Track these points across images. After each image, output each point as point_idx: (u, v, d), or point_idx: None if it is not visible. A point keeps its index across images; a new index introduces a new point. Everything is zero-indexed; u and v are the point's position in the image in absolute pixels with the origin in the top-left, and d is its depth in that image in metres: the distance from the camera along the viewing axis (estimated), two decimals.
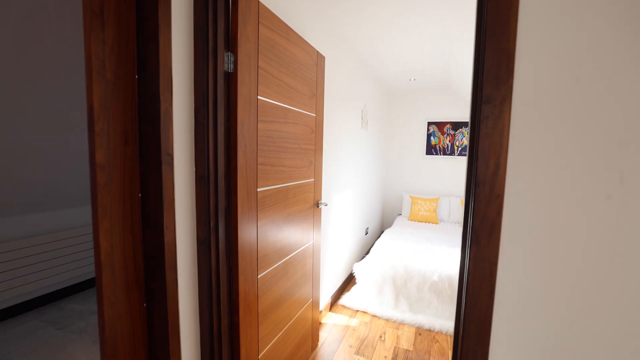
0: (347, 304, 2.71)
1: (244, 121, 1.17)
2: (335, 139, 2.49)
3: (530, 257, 0.72)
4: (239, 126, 1.14)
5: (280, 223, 1.53)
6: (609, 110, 0.66)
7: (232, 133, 1.14)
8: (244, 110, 1.16)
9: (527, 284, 0.73)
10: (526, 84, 0.69)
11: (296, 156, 1.63)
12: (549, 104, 0.69)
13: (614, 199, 0.66)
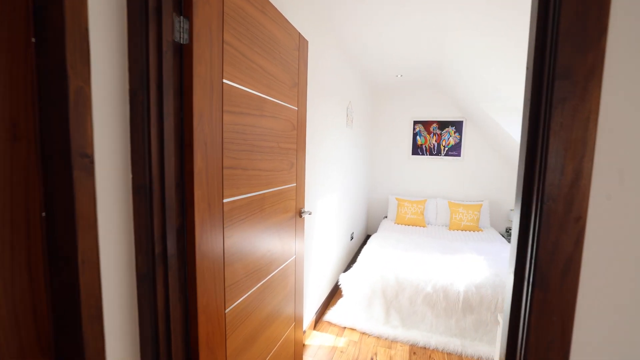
0: (333, 320, 2.45)
1: (203, 111, 0.88)
2: (319, 137, 2.23)
3: (627, 312, 0.49)
4: (196, 117, 0.85)
5: (255, 240, 1.24)
6: None
7: (187, 126, 0.85)
8: (203, 96, 0.87)
9: (619, 354, 0.49)
10: (626, 48, 0.45)
11: (274, 157, 1.35)
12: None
13: None
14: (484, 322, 2.22)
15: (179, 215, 0.87)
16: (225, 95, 0.98)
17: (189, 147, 0.85)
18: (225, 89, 0.98)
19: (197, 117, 0.85)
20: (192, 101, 0.83)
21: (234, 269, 1.10)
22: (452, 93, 3.76)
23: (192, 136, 0.84)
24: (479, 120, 3.73)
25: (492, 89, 2.66)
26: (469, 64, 2.57)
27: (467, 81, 2.97)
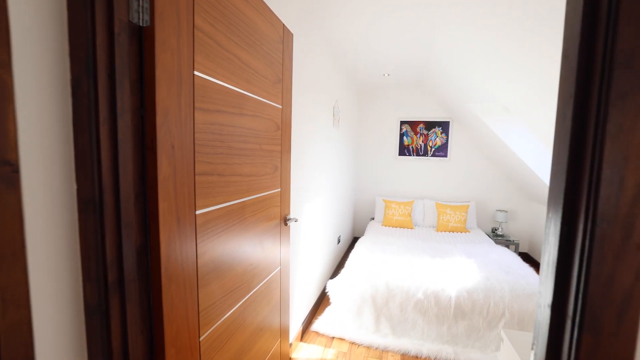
0: (321, 330, 2.33)
1: (169, 107, 0.74)
2: (305, 138, 2.10)
3: None
4: (161, 115, 0.71)
5: (235, 254, 1.10)
6: None
7: (149, 126, 0.70)
8: (169, 90, 0.73)
9: None
10: None
11: (256, 160, 1.22)
12: None
13: None
14: (476, 328, 2.16)
15: (140, 233, 0.72)
16: (197, 90, 0.84)
17: (152, 151, 0.71)
18: (197, 82, 0.84)
19: (161, 115, 0.71)
20: (155, 95, 0.69)
21: (210, 290, 0.96)
22: (439, 93, 3.72)
23: (155, 137, 0.70)
24: (465, 120, 3.71)
25: (481, 88, 2.62)
26: (458, 62, 2.51)
27: (454, 80, 2.92)
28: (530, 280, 2.31)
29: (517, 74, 1.99)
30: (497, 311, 2.13)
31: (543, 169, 2.98)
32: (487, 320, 2.14)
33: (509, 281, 2.28)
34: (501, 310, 2.13)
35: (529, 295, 2.16)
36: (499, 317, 2.13)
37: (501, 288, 2.22)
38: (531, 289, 2.20)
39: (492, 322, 2.14)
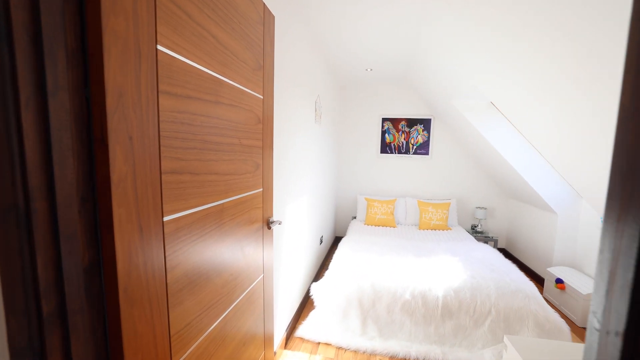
0: (305, 335, 2.21)
1: (124, 88, 0.58)
2: (287, 133, 1.97)
3: None
4: (112, 96, 0.56)
5: (213, 264, 0.96)
6: None
7: (97, 110, 0.55)
8: (123, 65, 0.58)
9: None
10: None
11: (235, 157, 1.08)
12: None
13: None
14: (463, 327, 2.12)
15: (89, 247, 0.57)
16: (162, 69, 0.69)
17: (102, 143, 0.56)
18: (162, 60, 0.69)
19: (113, 96, 0.56)
20: (104, 71, 0.54)
21: (184, 309, 0.81)
22: (422, 89, 3.69)
23: (106, 126, 0.55)
24: (447, 118, 3.71)
25: (467, 84, 2.59)
26: (445, 57, 2.47)
27: (439, 76, 2.89)
28: (514, 277, 2.31)
29: (506, 69, 1.96)
30: (484, 309, 2.11)
31: (524, 167, 3.02)
32: (474, 319, 2.11)
33: (494, 279, 2.26)
34: (487, 309, 2.11)
35: (514, 292, 2.15)
36: (485, 315, 2.10)
37: (487, 286, 2.20)
38: (516, 286, 2.19)
39: (479, 320, 2.11)
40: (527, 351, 0.95)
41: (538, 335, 2.04)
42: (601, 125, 1.62)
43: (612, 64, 1.27)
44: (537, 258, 3.32)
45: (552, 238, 3.05)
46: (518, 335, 2.05)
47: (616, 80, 1.33)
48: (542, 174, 2.99)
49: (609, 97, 1.43)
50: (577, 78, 1.50)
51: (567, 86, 1.61)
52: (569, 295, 2.56)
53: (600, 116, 1.58)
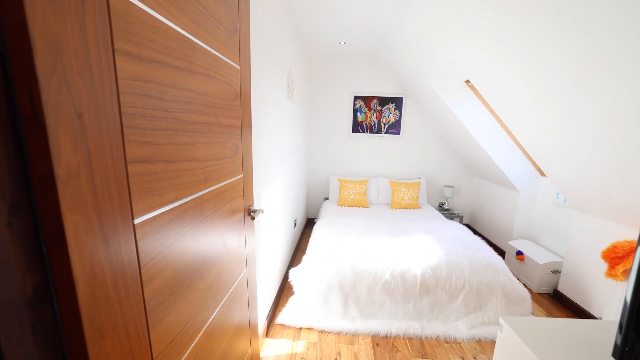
0: (287, 322, 2.14)
1: (63, 41, 0.41)
2: (262, 110, 1.79)
3: None
4: (45, 53, 0.38)
5: (196, 267, 0.81)
6: None
7: (20, 73, 0.37)
8: (58, 6, 0.40)
9: None
10: None
11: (214, 139, 0.91)
12: None
13: None
14: (439, 302, 2.19)
15: (30, 271, 0.41)
16: (117, 19, 0.51)
17: (35, 123, 0.38)
18: (117, 5, 0.51)
19: (45, 51, 0.38)
20: (25, 12, 0.36)
21: (166, 325, 0.67)
22: (396, 66, 3.61)
23: (38, 97, 0.38)
24: (419, 96, 3.69)
25: (443, 61, 2.55)
26: (422, 29, 2.38)
27: (415, 51, 2.81)
28: (485, 253, 2.41)
29: (487, 43, 1.92)
30: (458, 285, 2.18)
31: (492, 146, 3.11)
32: (449, 294, 2.19)
33: (467, 255, 2.34)
34: (462, 283, 2.18)
35: (485, 266, 2.25)
36: (459, 290, 2.18)
37: (461, 262, 2.27)
38: (487, 261, 2.29)
39: (454, 295, 2.19)
40: (522, 330, 0.95)
41: (505, 304, 2.17)
42: (573, 104, 1.65)
43: (597, 41, 1.27)
44: (498, 232, 3.53)
45: (513, 214, 3.24)
46: (487, 305, 2.17)
47: (598, 59, 1.33)
48: (508, 154, 3.12)
49: (586, 76, 1.44)
50: (558, 54, 1.50)
51: (545, 62, 1.61)
52: (527, 265, 2.75)
53: (574, 96, 1.60)
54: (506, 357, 0.99)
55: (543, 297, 2.54)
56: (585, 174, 1.98)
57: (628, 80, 1.28)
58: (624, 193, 1.78)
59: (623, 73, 1.27)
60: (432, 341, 2.00)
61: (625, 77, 1.28)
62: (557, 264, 2.56)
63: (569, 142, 1.91)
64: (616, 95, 1.38)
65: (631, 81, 1.27)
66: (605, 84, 1.39)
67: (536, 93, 1.86)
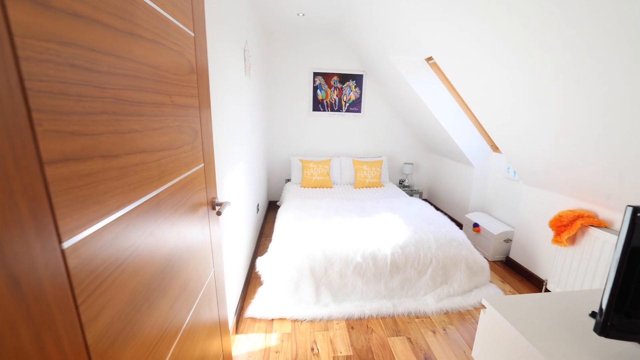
0: (257, 314, 2.04)
1: None
2: (220, 86, 1.57)
3: None
4: None
5: (154, 285, 0.66)
6: None
7: None
8: None
9: None
10: None
11: (168, 122, 0.73)
12: None
13: None
14: (409, 279, 2.24)
15: None
16: None
17: None
18: None
19: None
20: None
21: None
22: (356, 42, 3.48)
23: None
24: (379, 74, 3.63)
25: (405, 38, 2.48)
26: (387, 3, 2.27)
27: (376, 23, 2.70)
28: (449, 228, 2.51)
29: (452, 16, 1.88)
30: (426, 261, 2.25)
31: (450, 124, 3.19)
32: (418, 270, 2.25)
33: (433, 231, 2.41)
34: (429, 259, 2.25)
35: (450, 241, 2.34)
36: (427, 266, 2.25)
37: (428, 239, 2.33)
38: (451, 236, 2.38)
39: (422, 271, 2.25)
40: (505, 309, 0.95)
41: (468, 276, 2.30)
42: (532, 82, 1.70)
43: (566, 21, 1.27)
44: (456, 206, 3.72)
45: (469, 188, 3.42)
46: (452, 277, 2.27)
47: (560, 39, 1.35)
48: (465, 131, 3.23)
49: (544, 55, 1.47)
50: (516, 30, 1.49)
51: (506, 38, 1.61)
52: (483, 236, 2.94)
53: (531, 74, 1.64)
54: (490, 337, 1.00)
55: (497, 265, 2.74)
56: (535, 149, 2.10)
57: (581, 59, 1.31)
58: (569, 167, 1.92)
59: (581, 52, 1.30)
60: (404, 318, 2.05)
61: (581, 54, 1.31)
62: (509, 233, 2.76)
63: (524, 118, 1.99)
64: (572, 74, 1.42)
65: (586, 61, 1.30)
66: (568, 62, 1.42)
67: (499, 72, 1.88)
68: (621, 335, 0.77)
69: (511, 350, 0.89)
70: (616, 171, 1.64)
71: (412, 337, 1.86)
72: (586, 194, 2.00)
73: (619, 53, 1.18)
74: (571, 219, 2.05)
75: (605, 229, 1.89)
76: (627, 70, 1.20)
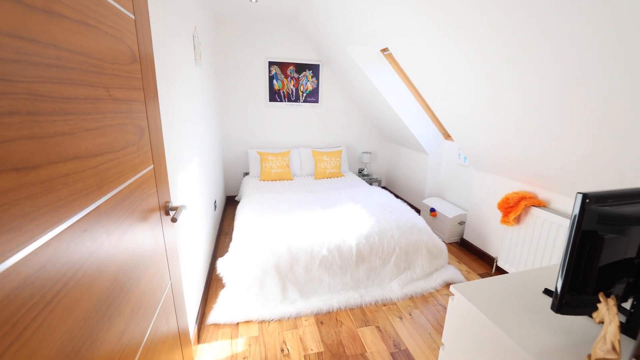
0: (220, 320, 1.94)
1: None
2: (167, 76, 1.41)
3: None
4: None
5: (98, 317, 0.56)
6: None
7: None
8: None
9: None
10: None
11: (106, 121, 0.61)
12: None
13: None
14: (374, 268, 2.29)
15: None
16: None
17: None
18: None
19: None
20: None
21: None
22: (312, 32, 3.39)
23: None
24: (336, 64, 3.60)
25: (360, 30, 2.45)
26: None
27: (333, 17, 2.64)
28: (409, 215, 2.60)
29: (411, 9, 1.88)
30: (390, 249, 2.31)
31: (405, 113, 3.28)
32: (382, 259, 2.30)
33: (395, 220, 2.48)
34: (392, 247, 2.32)
35: (411, 228, 2.43)
36: (391, 254, 2.31)
37: (390, 227, 2.39)
38: (412, 223, 2.47)
39: (386, 259, 2.31)
40: (471, 294, 0.99)
41: (428, 260, 2.41)
42: (490, 76, 1.78)
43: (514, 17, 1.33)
44: (412, 192, 3.88)
45: (424, 175, 3.58)
46: (415, 263, 2.37)
47: (506, 32, 1.41)
48: (419, 120, 3.35)
49: (494, 48, 1.54)
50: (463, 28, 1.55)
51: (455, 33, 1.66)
52: (439, 220, 3.11)
53: (491, 68, 1.72)
54: (458, 322, 1.04)
55: (453, 246, 2.92)
56: (490, 140, 2.23)
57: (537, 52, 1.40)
58: (510, 154, 2.07)
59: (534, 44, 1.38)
60: (371, 307, 2.09)
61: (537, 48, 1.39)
62: (463, 216, 2.95)
63: (473, 107, 2.10)
64: (533, 69, 1.51)
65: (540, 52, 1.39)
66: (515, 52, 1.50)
67: (458, 65, 1.94)
68: (574, 311, 0.83)
69: (479, 333, 0.93)
70: (563, 161, 1.80)
71: (380, 326, 1.90)
72: (530, 178, 2.18)
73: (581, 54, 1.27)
74: (516, 200, 2.23)
75: (544, 208, 2.08)
76: (583, 64, 1.29)
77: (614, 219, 0.73)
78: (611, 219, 0.73)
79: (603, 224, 0.73)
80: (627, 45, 1.07)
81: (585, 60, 1.23)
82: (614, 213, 0.73)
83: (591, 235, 0.74)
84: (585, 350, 0.76)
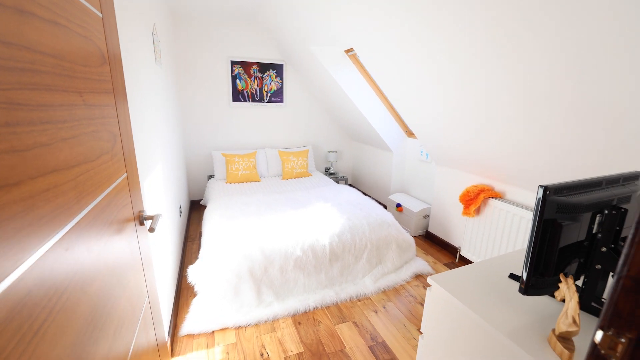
0: (195, 330, 1.86)
1: None
2: (130, 77, 1.31)
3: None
4: None
5: (80, 335, 0.52)
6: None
7: None
8: None
9: None
10: None
11: (81, 129, 0.57)
12: None
13: None
14: (347, 265, 2.34)
15: None
16: None
17: None
18: None
19: None
20: None
21: None
22: (275, 30, 3.35)
23: None
24: (299, 64, 3.60)
25: (327, 31, 2.48)
26: None
27: (296, 17, 2.64)
28: (378, 211, 2.69)
29: (375, 10, 1.94)
30: (362, 245, 2.37)
31: (369, 112, 3.38)
32: (354, 256, 2.36)
33: (365, 216, 2.55)
34: (364, 244, 2.38)
35: (380, 224, 2.51)
36: (363, 250, 2.38)
37: (361, 224, 2.45)
38: (381, 219, 2.56)
39: (358, 255, 2.37)
40: (448, 284, 1.06)
41: (398, 254, 2.51)
42: (446, 71, 1.90)
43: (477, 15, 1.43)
44: (379, 189, 4.01)
45: (389, 171, 3.72)
46: (385, 257, 2.46)
47: (469, 33, 1.52)
48: (383, 119, 3.47)
49: (450, 45, 1.65)
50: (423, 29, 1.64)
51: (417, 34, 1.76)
52: (405, 214, 3.26)
53: (448, 65, 1.83)
54: (436, 311, 1.11)
55: (419, 239, 3.07)
56: (447, 134, 2.38)
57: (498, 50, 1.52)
58: (470, 151, 2.24)
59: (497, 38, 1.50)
60: (347, 303, 2.13)
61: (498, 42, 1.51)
62: (427, 209, 3.11)
63: (437, 106, 2.23)
64: (498, 70, 1.64)
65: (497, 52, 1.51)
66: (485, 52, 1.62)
67: (418, 62, 2.04)
68: (538, 292, 0.92)
69: (456, 320, 1.00)
70: (517, 157, 1.97)
71: (357, 321, 1.95)
72: (488, 172, 2.36)
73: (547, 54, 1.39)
74: (476, 193, 2.41)
75: (500, 199, 2.28)
76: (551, 64, 1.41)
77: (570, 208, 0.83)
78: (567, 208, 0.83)
79: (561, 212, 0.82)
80: (583, 50, 1.21)
81: (552, 68, 1.36)
82: (569, 202, 0.83)
83: (551, 223, 0.83)
84: (550, 325, 0.85)
